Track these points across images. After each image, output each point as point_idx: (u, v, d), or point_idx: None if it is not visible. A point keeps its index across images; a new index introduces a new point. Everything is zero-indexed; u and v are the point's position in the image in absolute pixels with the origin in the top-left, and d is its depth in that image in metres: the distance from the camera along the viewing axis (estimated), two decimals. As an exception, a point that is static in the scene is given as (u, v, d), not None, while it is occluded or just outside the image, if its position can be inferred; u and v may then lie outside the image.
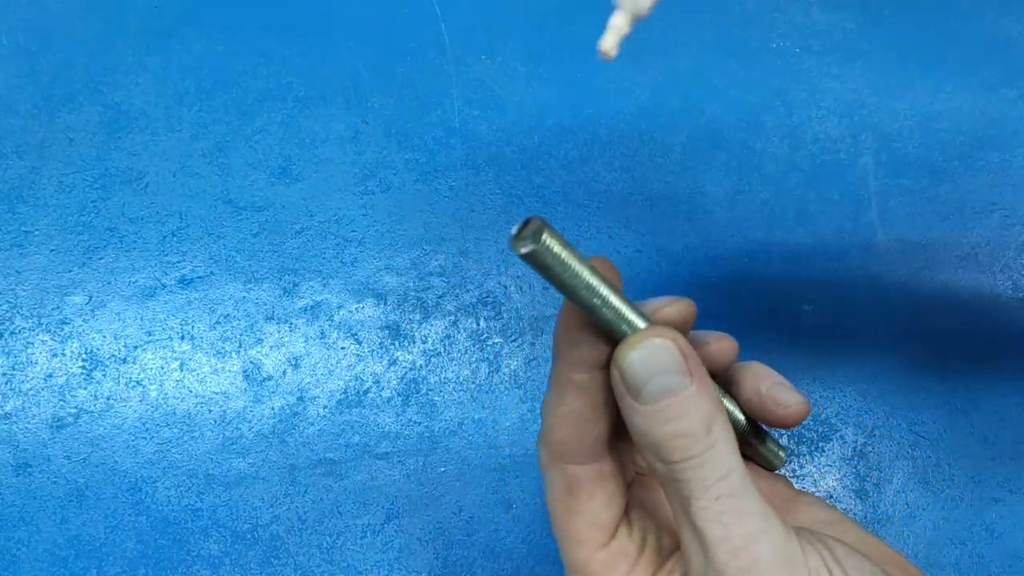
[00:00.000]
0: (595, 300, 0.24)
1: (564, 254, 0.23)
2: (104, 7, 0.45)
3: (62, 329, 0.40)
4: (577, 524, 0.26)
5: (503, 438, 0.39)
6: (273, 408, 0.39)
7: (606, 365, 0.25)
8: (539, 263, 0.23)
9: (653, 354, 0.24)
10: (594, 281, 0.24)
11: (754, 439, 0.30)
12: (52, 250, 0.41)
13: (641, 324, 0.25)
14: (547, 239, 0.22)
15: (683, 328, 0.26)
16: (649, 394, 0.23)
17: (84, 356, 0.40)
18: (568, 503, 0.26)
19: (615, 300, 0.24)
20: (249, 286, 0.41)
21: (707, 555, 0.23)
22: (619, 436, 0.29)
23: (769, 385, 0.28)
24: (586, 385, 0.26)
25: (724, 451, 0.23)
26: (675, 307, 0.26)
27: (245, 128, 0.43)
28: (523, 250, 0.22)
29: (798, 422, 0.28)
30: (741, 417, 0.30)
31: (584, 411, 0.26)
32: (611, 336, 0.25)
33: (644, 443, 0.24)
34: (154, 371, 0.40)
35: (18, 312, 0.40)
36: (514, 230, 0.22)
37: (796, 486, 0.40)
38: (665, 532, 0.28)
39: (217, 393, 0.39)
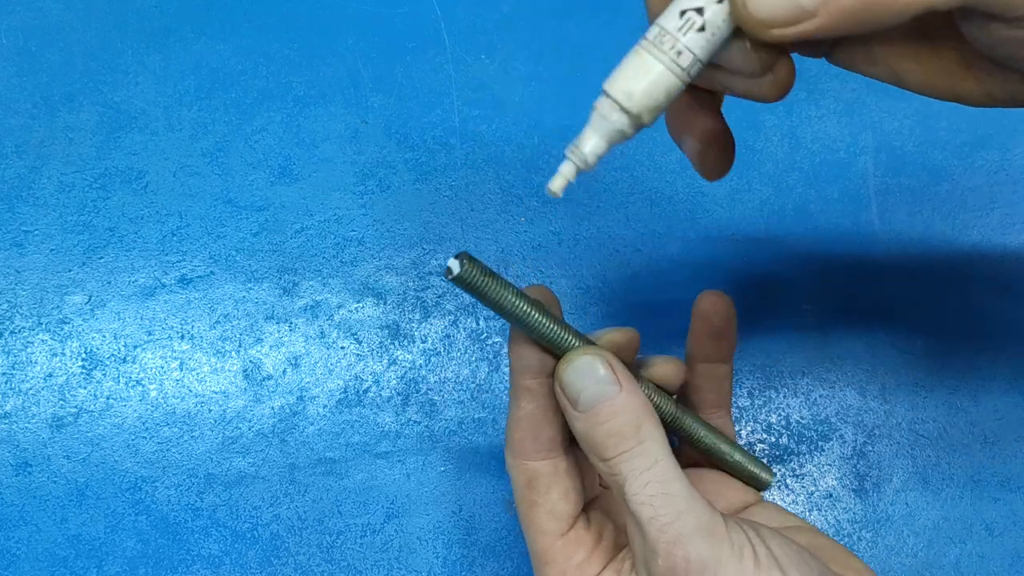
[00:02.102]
0: (528, 321, 0.28)
1: (486, 280, 0.27)
2: (104, 7, 0.45)
3: (62, 329, 0.40)
4: (538, 514, 0.30)
5: (503, 438, 0.39)
6: (273, 407, 0.39)
7: (551, 372, 0.29)
8: (466, 286, 0.27)
9: (584, 367, 0.28)
10: (521, 305, 0.28)
11: (739, 457, 0.35)
12: (52, 250, 0.41)
13: (573, 340, 0.29)
14: (468, 267, 0.26)
15: (628, 351, 0.31)
16: (585, 402, 0.28)
17: (84, 356, 0.40)
18: (529, 496, 0.30)
19: (545, 321, 0.28)
20: (249, 285, 0.41)
21: (642, 534, 0.27)
22: (582, 457, 0.32)
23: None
24: (535, 390, 0.30)
25: (652, 446, 0.27)
26: (619, 333, 0.30)
27: (245, 127, 0.43)
28: (449, 276, 0.27)
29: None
30: (724, 446, 0.34)
31: (536, 412, 0.30)
32: (550, 349, 0.29)
33: (586, 445, 0.28)
34: (154, 371, 0.40)
35: (18, 311, 0.40)
36: (451, 262, 0.27)
37: (795, 485, 0.40)
38: (622, 532, 0.32)
39: (217, 392, 0.39)
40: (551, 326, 0.28)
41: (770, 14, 0.20)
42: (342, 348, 0.40)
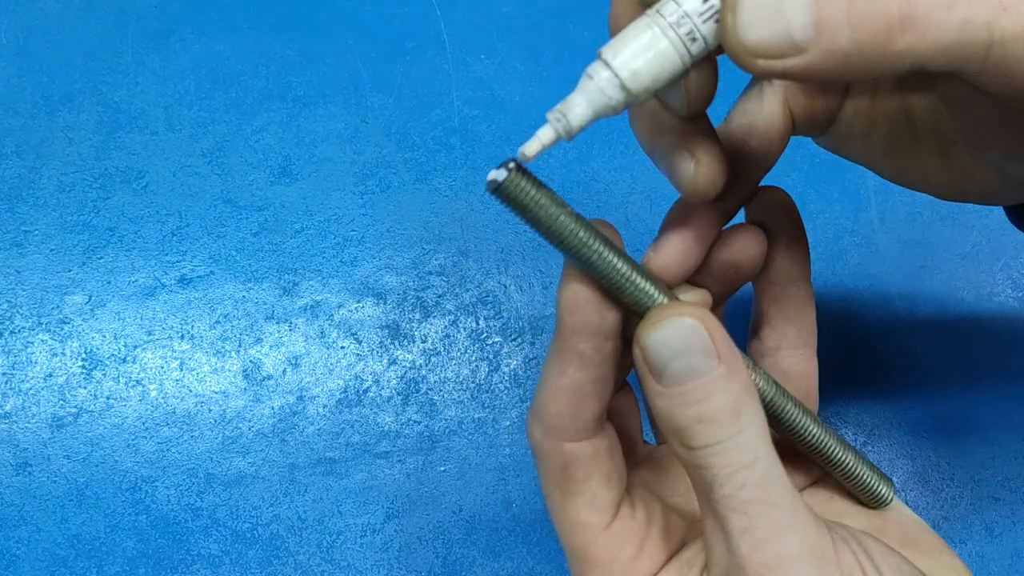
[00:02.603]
0: (591, 255, 0.22)
1: (537, 194, 0.22)
2: (104, 7, 0.45)
3: (62, 328, 0.40)
4: (576, 506, 0.25)
5: (503, 437, 0.39)
6: (273, 407, 0.39)
7: (612, 335, 0.24)
8: (510, 199, 0.22)
9: (676, 333, 0.22)
10: (583, 231, 0.22)
11: (858, 465, 0.27)
12: (52, 249, 0.41)
13: (652, 289, 0.23)
14: (515, 174, 0.22)
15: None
16: (672, 376, 0.22)
17: (84, 355, 0.40)
18: (564, 483, 0.25)
19: (613, 257, 0.22)
20: (249, 285, 0.41)
21: (729, 547, 0.22)
22: (618, 411, 0.28)
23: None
24: (589, 356, 0.24)
25: (752, 437, 0.22)
26: (696, 295, 0.25)
27: (245, 127, 0.43)
28: (491, 179, 0.22)
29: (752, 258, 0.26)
30: (838, 451, 0.27)
31: (585, 384, 0.24)
32: (620, 302, 0.23)
33: (666, 427, 0.23)
34: (154, 370, 0.40)
35: (18, 311, 0.40)
36: (491, 173, 0.22)
37: (796, 485, 0.40)
38: (673, 512, 0.27)
39: (217, 392, 0.39)
40: (622, 265, 0.23)
41: (758, 41, 0.19)
42: (342, 348, 0.40)
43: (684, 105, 0.22)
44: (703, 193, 0.24)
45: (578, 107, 0.22)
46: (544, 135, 0.22)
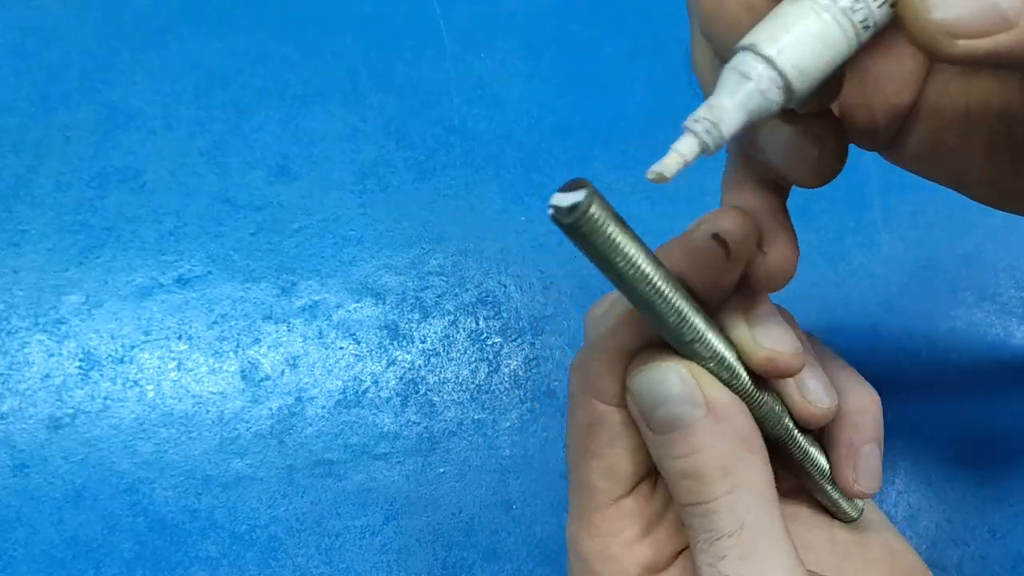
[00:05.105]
0: (667, 314, 0.20)
1: (615, 231, 0.18)
2: (101, 5, 0.44)
3: (59, 329, 0.40)
4: (590, 467, 0.23)
5: (503, 439, 0.39)
6: (271, 408, 0.39)
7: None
8: (581, 234, 0.18)
9: (659, 378, 0.21)
10: (663, 283, 0.20)
11: (828, 484, 0.26)
12: (49, 249, 0.40)
13: (700, 346, 0.21)
14: (594, 207, 0.18)
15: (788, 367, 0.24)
16: (660, 423, 0.21)
17: (81, 356, 0.39)
18: (586, 443, 0.23)
19: (690, 314, 0.20)
20: (247, 285, 0.41)
21: None
22: None
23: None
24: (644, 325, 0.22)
25: (743, 501, 0.20)
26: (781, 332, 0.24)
27: (243, 126, 0.43)
28: (563, 205, 0.18)
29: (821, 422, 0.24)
30: (823, 462, 0.26)
31: (632, 346, 0.23)
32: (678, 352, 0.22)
33: (662, 473, 0.21)
34: (151, 371, 0.39)
35: (14, 312, 0.40)
36: (557, 197, 0.18)
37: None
38: None
39: (215, 393, 0.39)
40: (697, 323, 0.21)
41: (957, 18, 0.15)
42: (340, 348, 0.40)
43: (804, 104, 0.18)
44: (825, 180, 0.22)
45: (732, 113, 0.17)
46: (687, 149, 0.17)
